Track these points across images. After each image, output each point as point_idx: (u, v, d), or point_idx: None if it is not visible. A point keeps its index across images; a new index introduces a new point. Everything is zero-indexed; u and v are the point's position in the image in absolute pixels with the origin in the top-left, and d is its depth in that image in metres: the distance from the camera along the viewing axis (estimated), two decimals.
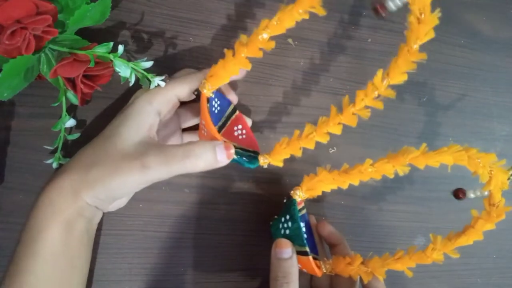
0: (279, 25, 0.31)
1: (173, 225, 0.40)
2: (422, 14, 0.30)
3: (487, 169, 0.31)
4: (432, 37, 0.31)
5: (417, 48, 0.31)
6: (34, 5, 0.29)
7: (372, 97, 0.32)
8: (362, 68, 0.44)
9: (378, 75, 0.31)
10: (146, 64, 0.33)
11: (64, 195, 0.31)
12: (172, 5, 0.40)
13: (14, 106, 0.37)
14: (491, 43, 0.48)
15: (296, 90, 0.43)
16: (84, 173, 0.31)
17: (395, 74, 0.32)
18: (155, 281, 0.39)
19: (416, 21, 0.30)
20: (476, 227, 0.33)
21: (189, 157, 0.31)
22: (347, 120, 0.33)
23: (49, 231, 0.30)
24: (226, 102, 0.38)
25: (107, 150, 0.32)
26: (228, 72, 0.32)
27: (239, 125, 0.39)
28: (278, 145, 0.35)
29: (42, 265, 0.30)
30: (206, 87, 0.33)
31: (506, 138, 0.48)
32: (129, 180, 0.30)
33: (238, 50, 0.31)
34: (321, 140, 0.33)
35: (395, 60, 0.31)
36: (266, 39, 0.31)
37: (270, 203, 0.42)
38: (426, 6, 0.29)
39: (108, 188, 0.31)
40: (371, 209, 0.44)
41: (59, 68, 0.31)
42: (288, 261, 0.33)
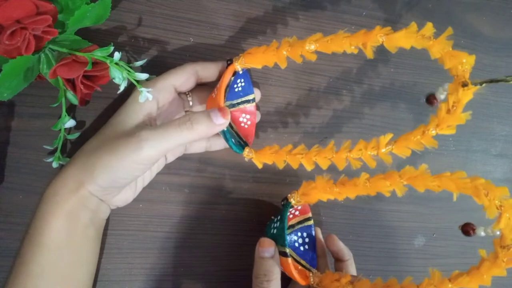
0: (327, 45, 0.31)
1: (173, 225, 0.40)
2: (454, 107, 0.29)
3: (495, 203, 0.27)
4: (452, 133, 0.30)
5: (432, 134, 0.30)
6: (34, 5, 0.29)
7: (370, 153, 0.32)
8: (362, 68, 0.44)
9: (386, 137, 0.32)
10: (141, 75, 0.33)
11: (67, 186, 0.31)
12: (172, 5, 0.40)
13: (14, 106, 0.37)
14: (491, 43, 0.48)
15: (296, 90, 0.43)
16: (85, 161, 0.32)
17: (401, 147, 0.31)
18: (155, 281, 0.39)
19: (445, 110, 0.29)
20: (481, 270, 0.29)
21: (185, 123, 0.31)
22: (337, 161, 0.33)
23: (53, 222, 0.31)
24: (251, 90, 0.39)
25: (107, 135, 0.33)
26: (264, 59, 0.33)
27: (248, 115, 0.39)
28: (267, 148, 0.35)
29: (47, 255, 0.30)
30: (239, 61, 0.35)
31: (506, 138, 0.48)
32: (126, 158, 0.30)
33: (283, 46, 0.32)
34: (305, 166, 0.34)
35: (407, 135, 0.31)
36: (311, 50, 0.32)
37: (270, 203, 0.42)
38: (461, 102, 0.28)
39: (107, 170, 0.31)
40: (371, 209, 0.44)
41: (59, 69, 0.31)
42: (269, 260, 0.34)
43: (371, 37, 0.29)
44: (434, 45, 0.29)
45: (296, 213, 0.39)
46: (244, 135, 0.39)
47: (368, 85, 0.44)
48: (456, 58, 0.28)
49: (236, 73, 0.37)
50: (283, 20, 0.43)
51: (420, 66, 0.46)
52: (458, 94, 0.28)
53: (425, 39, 0.29)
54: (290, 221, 0.39)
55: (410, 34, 0.29)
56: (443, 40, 0.29)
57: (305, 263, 0.37)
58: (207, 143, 0.39)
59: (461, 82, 0.28)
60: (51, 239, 0.31)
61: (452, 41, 0.29)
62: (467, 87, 0.28)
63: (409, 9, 0.46)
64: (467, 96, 0.29)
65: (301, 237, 0.39)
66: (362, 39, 0.30)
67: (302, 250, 0.38)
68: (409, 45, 0.29)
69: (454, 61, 0.29)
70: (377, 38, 0.29)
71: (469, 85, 0.28)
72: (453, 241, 0.46)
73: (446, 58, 0.29)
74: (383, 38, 0.29)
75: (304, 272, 0.36)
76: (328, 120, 0.43)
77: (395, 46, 0.29)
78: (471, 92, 0.28)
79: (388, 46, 0.30)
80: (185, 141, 0.32)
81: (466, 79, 0.28)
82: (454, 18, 0.47)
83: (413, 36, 0.29)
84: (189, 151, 0.39)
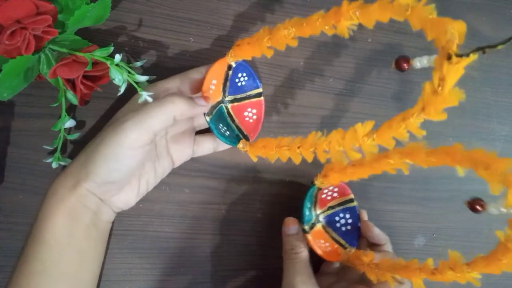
0: (303, 28, 0.30)
1: (173, 225, 0.40)
2: (440, 86, 0.23)
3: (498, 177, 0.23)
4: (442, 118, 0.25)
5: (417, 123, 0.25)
6: (34, 5, 0.29)
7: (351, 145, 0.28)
8: (362, 68, 0.44)
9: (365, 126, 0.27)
10: (141, 77, 0.33)
11: (65, 185, 0.32)
12: (172, 5, 0.40)
13: (14, 106, 0.37)
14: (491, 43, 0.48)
15: (296, 90, 0.43)
16: (82, 160, 0.32)
17: (384, 137, 0.27)
18: (155, 281, 0.39)
19: (431, 90, 0.24)
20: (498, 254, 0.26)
21: (166, 100, 0.32)
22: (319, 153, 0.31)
23: (53, 220, 0.31)
24: (255, 84, 0.39)
25: (102, 135, 0.33)
26: (251, 51, 0.34)
27: (254, 109, 0.39)
28: (259, 141, 0.35)
29: (49, 253, 0.31)
30: (230, 54, 0.36)
31: (506, 138, 0.48)
32: (113, 144, 0.30)
33: (263, 34, 0.32)
34: (293, 159, 0.33)
35: (390, 122, 0.26)
36: (291, 36, 0.31)
37: (271, 203, 0.42)
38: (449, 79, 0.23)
39: (98, 163, 0.31)
40: (371, 209, 0.44)
41: (59, 69, 0.31)
42: (294, 236, 0.37)
43: (343, 14, 0.26)
44: (413, 14, 0.23)
45: (334, 195, 0.40)
46: (247, 130, 0.39)
47: (368, 85, 0.44)
48: (439, 27, 0.23)
49: (232, 68, 0.37)
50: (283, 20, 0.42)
51: None
52: (443, 69, 0.23)
53: (403, 9, 0.23)
54: (329, 202, 0.40)
55: (385, 5, 0.24)
56: (422, 7, 0.23)
57: (344, 242, 0.39)
58: (214, 143, 0.38)
59: (447, 55, 0.22)
60: (52, 236, 0.31)
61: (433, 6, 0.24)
62: (452, 60, 0.22)
63: None
64: (455, 71, 0.23)
65: (343, 218, 0.40)
66: (334, 17, 0.27)
67: (344, 230, 0.40)
68: (386, 18, 0.25)
69: (437, 30, 0.23)
70: (349, 15, 0.26)
71: (452, 57, 0.22)
72: (453, 241, 0.46)
73: (427, 27, 0.23)
74: (357, 14, 0.26)
75: (337, 250, 0.38)
76: (328, 120, 0.43)
77: (371, 20, 0.25)
78: (459, 66, 0.23)
79: (364, 22, 0.26)
80: (167, 117, 0.31)
81: (453, 50, 0.22)
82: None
83: (388, 7, 0.24)
84: (197, 153, 0.38)
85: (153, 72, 0.39)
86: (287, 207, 0.42)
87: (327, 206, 0.40)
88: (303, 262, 0.35)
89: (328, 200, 0.40)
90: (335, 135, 0.29)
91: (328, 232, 0.39)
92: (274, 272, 0.42)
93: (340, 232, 0.40)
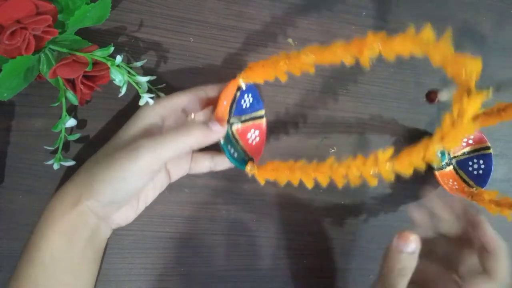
0: (323, 56, 0.30)
1: (173, 225, 0.40)
2: (459, 118, 0.25)
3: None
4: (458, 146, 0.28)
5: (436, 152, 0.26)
6: (34, 5, 0.29)
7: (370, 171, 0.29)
8: (362, 68, 0.44)
9: (386, 153, 0.28)
10: (141, 78, 0.33)
11: (65, 202, 0.31)
12: (172, 5, 0.40)
13: (14, 106, 0.37)
14: (491, 43, 0.48)
15: (296, 90, 0.43)
16: (84, 177, 0.32)
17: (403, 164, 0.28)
18: (155, 281, 0.39)
19: (450, 121, 0.26)
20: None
21: (182, 130, 0.31)
22: (335, 178, 0.31)
23: (50, 238, 0.30)
24: (260, 105, 0.39)
25: (105, 153, 0.32)
26: (264, 74, 0.33)
27: (256, 131, 0.39)
28: (269, 164, 0.34)
29: (42, 273, 0.30)
30: (241, 75, 0.35)
31: (506, 138, 0.48)
32: (125, 168, 0.30)
33: (281, 59, 0.32)
34: (305, 183, 0.32)
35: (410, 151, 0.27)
36: (309, 62, 0.31)
37: (270, 203, 0.42)
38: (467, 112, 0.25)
39: (106, 184, 0.30)
40: (372, 209, 0.44)
41: (59, 69, 0.31)
42: (410, 256, 0.31)
43: (367, 45, 0.28)
44: (434, 50, 0.26)
45: (470, 142, 0.45)
46: (251, 152, 0.38)
47: (368, 85, 0.44)
48: (458, 64, 0.25)
49: (241, 89, 0.37)
50: (283, 20, 0.43)
51: (421, 65, 0.46)
52: (463, 103, 0.25)
53: (424, 44, 0.26)
54: (464, 148, 0.44)
55: (408, 40, 0.26)
56: (443, 44, 0.26)
57: (473, 183, 0.43)
58: (211, 163, 0.38)
59: (467, 91, 0.25)
60: (47, 255, 0.30)
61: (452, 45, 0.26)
62: (471, 96, 0.25)
63: (409, 9, 0.46)
64: (473, 105, 0.25)
65: (476, 163, 0.44)
66: (358, 47, 0.28)
67: (475, 174, 0.44)
68: (408, 52, 0.27)
69: (456, 67, 0.26)
70: (372, 46, 0.28)
71: (472, 93, 0.25)
72: None
73: (447, 65, 0.26)
74: (379, 46, 0.27)
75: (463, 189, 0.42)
76: (328, 120, 0.43)
77: (392, 53, 0.27)
78: (478, 101, 0.25)
79: (386, 54, 0.28)
80: (182, 147, 0.31)
81: (471, 87, 0.25)
82: (454, 18, 0.47)
83: (410, 42, 0.26)
84: (193, 170, 0.38)
85: (153, 72, 0.39)
86: (287, 207, 0.42)
87: (462, 151, 0.44)
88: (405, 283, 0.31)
89: (463, 146, 0.44)
90: (355, 161, 0.30)
91: (459, 174, 0.43)
92: (274, 272, 0.42)
93: (472, 175, 0.44)
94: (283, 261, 0.42)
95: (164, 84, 0.39)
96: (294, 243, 0.42)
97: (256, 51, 0.42)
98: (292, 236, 0.42)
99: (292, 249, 0.42)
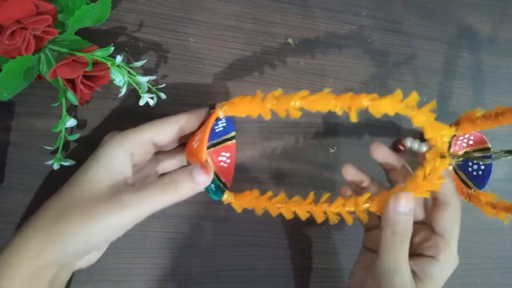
0: (313, 103, 0.31)
1: (173, 225, 0.40)
2: (430, 175, 0.30)
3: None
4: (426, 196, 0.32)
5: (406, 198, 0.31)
6: (34, 5, 0.29)
7: (348, 210, 0.33)
8: (362, 68, 0.44)
9: (364, 196, 0.32)
10: (141, 78, 0.33)
11: (24, 255, 0.28)
12: (172, 5, 0.40)
13: (14, 106, 0.37)
14: (491, 43, 0.48)
15: (296, 90, 0.42)
16: (50, 227, 0.28)
17: (377, 206, 0.32)
18: (155, 281, 0.39)
19: (422, 176, 0.30)
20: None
21: (169, 186, 0.30)
22: (316, 214, 0.33)
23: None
24: (231, 128, 0.38)
25: (76, 198, 0.29)
26: (248, 110, 0.33)
27: (227, 153, 0.38)
28: (247, 193, 0.34)
29: None
30: (222, 108, 0.33)
31: (506, 138, 0.48)
32: (106, 224, 0.28)
33: (268, 100, 0.32)
34: (285, 215, 0.34)
35: (384, 195, 0.32)
36: (296, 107, 0.31)
37: None
38: (437, 171, 0.30)
39: (81, 238, 0.28)
40: None
41: (59, 69, 0.31)
42: (409, 216, 0.31)
43: (357, 102, 0.30)
44: (417, 115, 0.30)
45: (470, 143, 0.42)
46: (224, 175, 0.37)
47: (368, 85, 0.44)
48: (437, 130, 0.31)
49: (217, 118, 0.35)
50: (283, 20, 0.43)
51: (421, 66, 0.46)
52: (436, 163, 0.30)
53: (409, 109, 0.30)
54: (465, 149, 0.43)
55: (395, 103, 0.29)
56: (426, 111, 0.30)
57: (472, 184, 0.41)
58: None
59: (440, 154, 0.31)
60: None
61: (435, 114, 0.30)
62: (444, 159, 0.31)
63: (409, 9, 0.46)
64: (443, 166, 0.31)
65: (476, 164, 0.42)
66: (348, 102, 0.30)
67: (474, 174, 0.42)
68: (393, 112, 0.30)
69: (435, 132, 0.31)
70: (362, 103, 0.30)
71: (447, 157, 0.31)
72: None
73: (427, 128, 0.31)
74: (368, 103, 0.30)
75: (462, 189, 0.41)
76: (327, 120, 0.43)
77: (379, 112, 0.30)
78: (447, 163, 0.31)
79: (373, 111, 0.30)
80: (169, 204, 0.30)
81: (444, 151, 0.31)
82: (454, 18, 0.47)
83: (397, 105, 0.30)
84: None
85: (153, 72, 0.39)
86: None
87: (462, 151, 0.43)
88: (408, 245, 0.32)
89: (463, 147, 0.43)
90: (334, 201, 0.33)
91: (458, 174, 0.42)
92: (274, 272, 0.42)
93: (471, 176, 0.42)
94: (283, 261, 0.42)
95: (164, 84, 0.39)
96: (294, 243, 0.42)
97: (256, 51, 0.42)
98: (292, 236, 0.42)
99: (292, 249, 0.42)
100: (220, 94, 0.41)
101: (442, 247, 0.33)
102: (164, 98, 0.38)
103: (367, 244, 0.38)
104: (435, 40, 0.46)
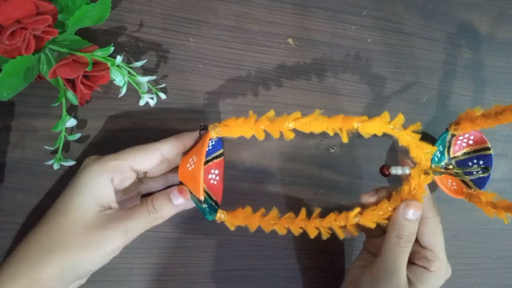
0: (306, 125, 0.32)
1: (173, 225, 0.40)
2: (415, 190, 0.34)
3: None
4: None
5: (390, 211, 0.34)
6: (34, 5, 0.29)
7: (339, 225, 0.35)
8: (362, 68, 0.44)
9: (354, 212, 0.34)
10: (141, 78, 0.33)
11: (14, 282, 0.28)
12: (172, 5, 0.40)
13: (14, 106, 0.37)
14: (491, 43, 0.48)
15: (296, 90, 0.43)
16: (43, 258, 0.29)
17: (367, 220, 0.34)
18: (155, 281, 0.39)
19: (407, 191, 0.34)
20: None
21: (152, 211, 0.32)
22: (308, 229, 0.35)
23: None
24: (220, 146, 0.39)
25: (65, 228, 0.30)
26: (241, 132, 0.33)
27: (216, 170, 0.38)
28: (240, 211, 0.35)
29: None
30: (216, 130, 0.33)
31: (506, 138, 0.48)
32: (100, 252, 0.30)
33: (261, 122, 0.32)
34: (278, 231, 0.35)
35: (373, 210, 0.34)
36: (290, 128, 0.32)
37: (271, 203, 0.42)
38: (421, 186, 0.34)
39: (76, 266, 0.29)
40: None
41: (59, 69, 0.31)
42: (415, 222, 0.34)
43: (348, 124, 0.32)
44: (403, 135, 0.33)
45: (470, 143, 0.44)
46: (214, 193, 0.38)
47: (368, 85, 0.44)
48: (420, 149, 0.34)
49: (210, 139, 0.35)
50: (283, 20, 0.43)
51: (420, 66, 0.46)
52: (420, 179, 0.34)
53: (395, 130, 0.32)
54: (465, 149, 0.44)
55: (383, 124, 0.32)
56: (410, 132, 0.33)
57: (472, 184, 0.43)
58: None
59: (424, 170, 0.34)
60: None
61: (419, 135, 0.33)
62: (427, 175, 0.34)
63: (409, 10, 0.46)
64: (426, 181, 0.34)
65: (476, 164, 0.44)
66: (340, 124, 0.32)
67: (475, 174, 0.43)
68: (381, 133, 0.32)
69: (419, 151, 0.34)
70: (353, 125, 0.32)
71: (430, 173, 0.34)
72: (453, 241, 0.46)
73: (412, 147, 0.34)
74: (358, 125, 0.32)
75: (462, 189, 0.42)
76: None
77: (368, 133, 0.32)
78: (430, 178, 0.34)
79: (362, 132, 0.32)
80: (152, 226, 0.32)
81: (427, 167, 0.34)
82: (454, 18, 0.47)
83: (385, 126, 0.32)
84: None
85: (153, 72, 0.39)
86: (287, 207, 0.42)
87: (462, 151, 0.44)
88: (409, 251, 0.34)
89: (463, 146, 0.44)
90: (326, 217, 0.35)
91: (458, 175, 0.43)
92: (274, 272, 0.42)
93: (471, 176, 0.43)
94: (283, 261, 0.42)
95: (164, 84, 0.39)
96: (294, 243, 0.42)
97: (256, 51, 0.42)
98: (292, 236, 0.42)
99: (292, 249, 0.42)
100: (220, 94, 0.41)
101: (432, 259, 0.35)
102: (164, 98, 0.38)
103: (368, 248, 0.39)
104: (435, 40, 0.46)
